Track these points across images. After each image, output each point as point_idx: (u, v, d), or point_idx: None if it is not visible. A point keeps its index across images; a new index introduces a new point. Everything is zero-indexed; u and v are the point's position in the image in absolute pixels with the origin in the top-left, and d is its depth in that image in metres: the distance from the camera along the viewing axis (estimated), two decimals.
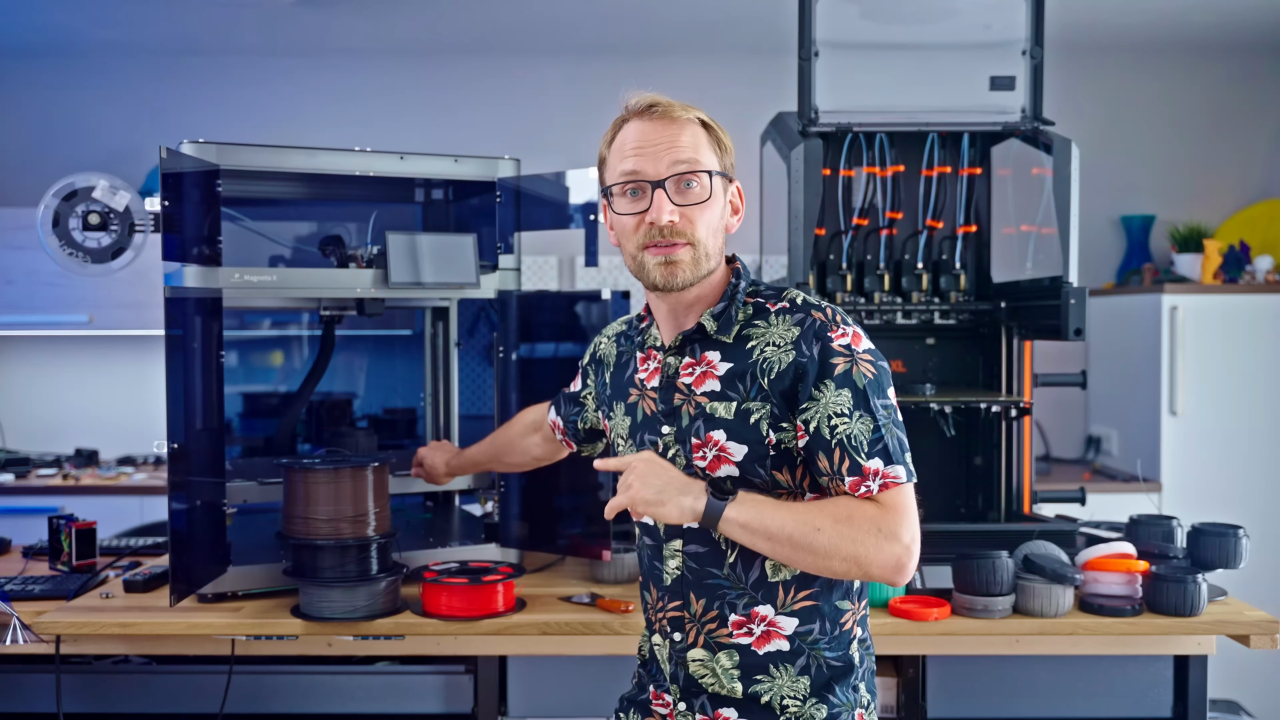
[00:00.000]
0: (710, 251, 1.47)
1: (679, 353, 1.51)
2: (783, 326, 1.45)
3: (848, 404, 1.39)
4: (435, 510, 2.70)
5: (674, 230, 1.44)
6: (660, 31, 4.27)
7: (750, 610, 1.46)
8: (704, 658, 1.49)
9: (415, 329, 2.99)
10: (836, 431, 1.39)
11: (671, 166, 1.44)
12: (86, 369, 4.49)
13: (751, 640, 1.46)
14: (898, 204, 2.46)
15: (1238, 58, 4.46)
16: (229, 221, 2.31)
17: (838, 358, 1.41)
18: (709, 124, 1.49)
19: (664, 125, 1.46)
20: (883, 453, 1.39)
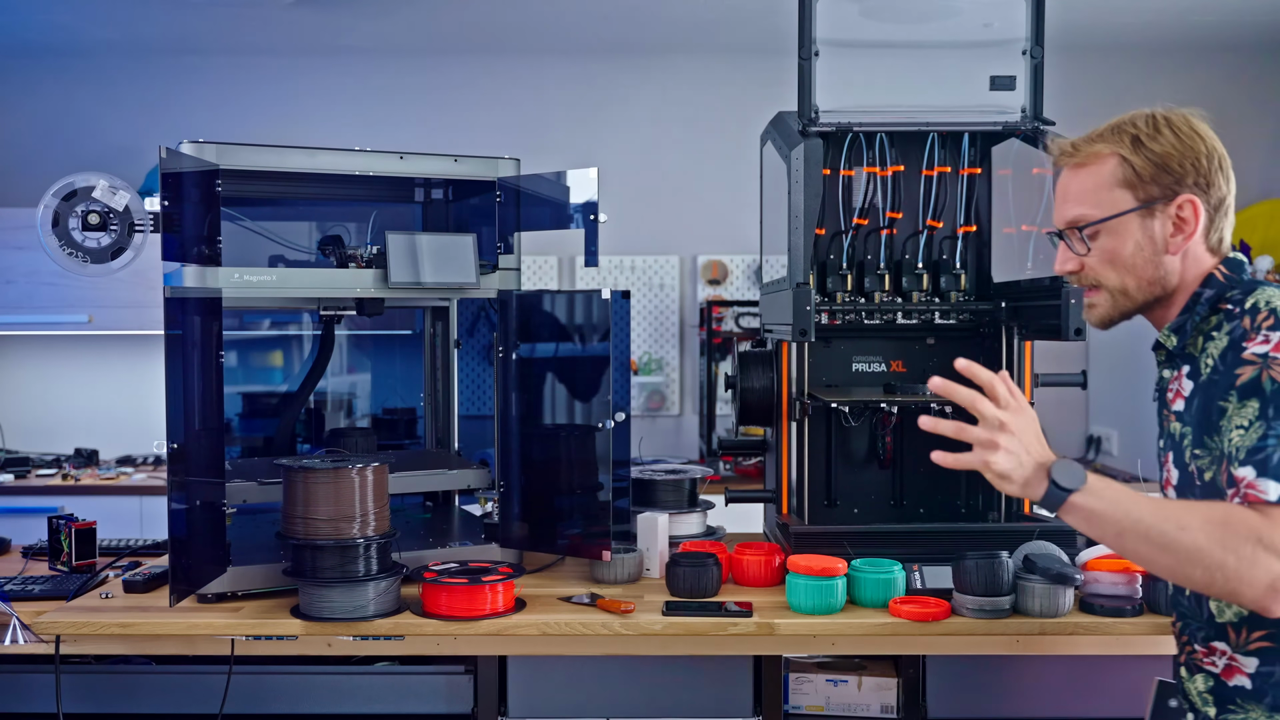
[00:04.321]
0: (1129, 288, 1.49)
1: (1169, 365, 1.53)
2: (1223, 333, 1.40)
3: (1252, 414, 1.30)
4: (435, 510, 2.70)
5: (1080, 278, 1.51)
6: (660, 31, 4.27)
7: (1210, 644, 1.44)
8: (1185, 675, 1.49)
9: (415, 329, 2.99)
10: (1233, 442, 1.30)
11: (1064, 220, 1.50)
12: (86, 369, 4.49)
13: (1219, 670, 1.43)
14: (898, 204, 2.46)
15: (1238, 58, 4.47)
16: (229, 221, 2.31)
17: (1246, 366, 1.32)
18: (1124, 155, 1.45)
19: (1069, 174, 1.51)
20: (1260, 462, 1.27)
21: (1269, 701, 1.37)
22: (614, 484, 2.26)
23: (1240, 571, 1.22)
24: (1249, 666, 1.38)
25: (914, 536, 2.24)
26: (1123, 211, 1.47)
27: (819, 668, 2.16)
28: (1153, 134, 1.45)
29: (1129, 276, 1.49)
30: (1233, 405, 1.33)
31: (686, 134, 4.54)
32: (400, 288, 2.23)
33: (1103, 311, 1.53)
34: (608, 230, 2.56)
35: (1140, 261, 1.48)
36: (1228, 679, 1.41)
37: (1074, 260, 1.51)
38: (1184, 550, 1.23)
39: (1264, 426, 1.28)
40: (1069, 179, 1.52)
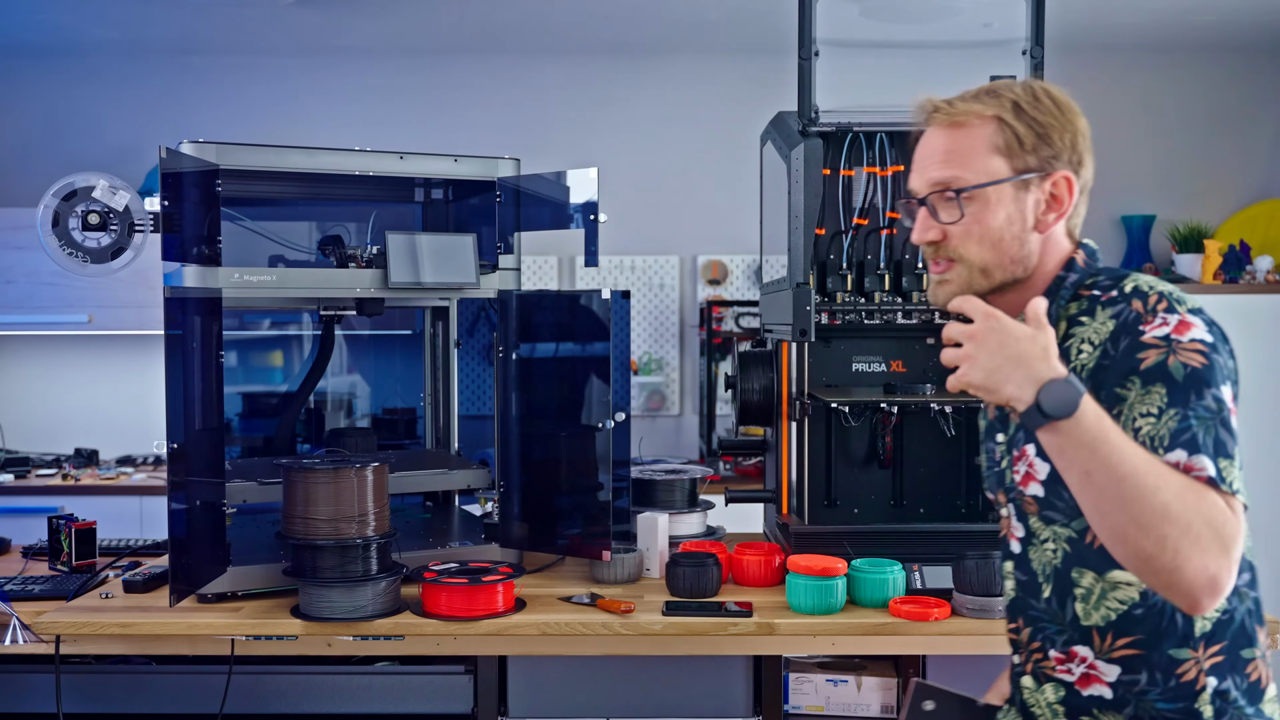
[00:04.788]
0: (989, 265, 1.35)
1: None
2: (1100, 320, 1.30)
3: (1159, 401, 1.21)
4: (435, 510, 2.70)
5: (939, 248, 1.37)
6: (660, 31, 4.27)
7: (1069, 649, 1.34)
8: (1032, 686, 1.40)
9: (415, 329, 2.99)
10: (1141, 433, 1.20)
11: (930, 183, 1.36)
12: (86, 369, 4.49)
13: (1074, 679, 1.34)
14: (898, 204, 2.46)
15: (1238, 58, 4.47)
16: (229, 221, 2.31)
17: (1147, 350, 1.23)
18: (1004, 119, 1.35)
19: (939, 133, 1.38)
20: (1188, 444, 1.18)
21: (1129, 712, 1.29)
22: (614, 484, 2.26)
23: (1191, 553, 1.12)
24: (1110, 675, 1.30)
25: (914, 536, 2.24)
26: (999, 180, 1.34)
27: (819, 668, 2.16)
28: (1034, 102, 1.36)
29: (992, 252, 1.35)
30: (1134, 392, 1.23)
31: (686, 134, 4.54)
32: (400, 288, 2.23)
33: (954, 289, 1.37)
34: (608, 230, 2.56)
35: (1008, 237, 1.35)
36: (1083, 688, 1.33)
37: (936, 229, 1.36)
38: (1149, 511, 1.11)
39: (1182, 411, 1.20)
40: (939, 139, 1.38)
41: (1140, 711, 1.29)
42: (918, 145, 1.41)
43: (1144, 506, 1.11)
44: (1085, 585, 1.32)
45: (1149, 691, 1.28)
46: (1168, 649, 1.27)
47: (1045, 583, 1.36)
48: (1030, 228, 1.35)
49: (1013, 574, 1.43)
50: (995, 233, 1.35)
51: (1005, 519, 1.44)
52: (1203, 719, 1.26)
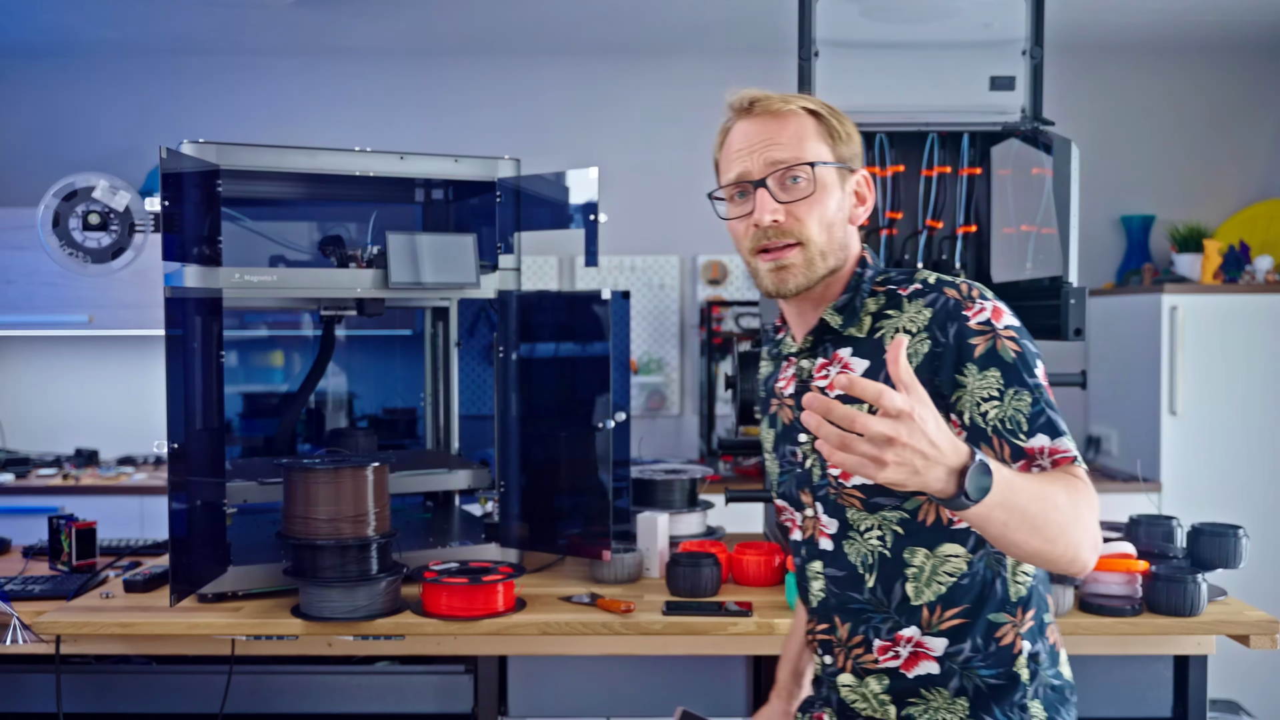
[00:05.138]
0: (826, 249, 1.37)
1: (811, 354, 1.43)
2: (913, 310, 1.34)
3: (997, 384, 1.27)
4: (435, 510, 2.70)
5: (781, 230, 1.35)
6: (660, 31, 4.27)
7: (895, 634, 1.37)
8: (853, 683, 1.42)
9: (415, 329, 2.99)
10: (989, 418, 1.27)
11: (770, 163, 1.35)
12: (86, 369, 4.49)
13: (899, 663, 1.37)
14: (898, 204, 2.46)
15: (1238, 58, 4.47)
16: (229, 221, 2.31)
17: (976, 337, 1.29)
18: (818, 112, 1.39)
19: (764, 121, 1.38)
20: (1046, 427, 1.27)
21: (955, 684, 1.35)
22: (614, 484, 2.26)
23: (1083, 537, 1.20)
24: (937, 648, 1.35)
25: None
26: (833, 163, 1.38)
27: None
28: (829, 109, 1.40)
29: (827, 235, 1.37)
30: (972, 378, 1.28)
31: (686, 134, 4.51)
32: (400, 288, 2.23)
33: (799, 273, 1.36)
34: (608, 230, 2.57)
35: (837, 222, 1.38)
36: (909, 669, 1.36)
37: (780, 209, 1.35)
38: (1054, 525, 1.17)
39: (1027, 393, 1.27)
40: (770, 125, 1.37)
41: (965, 682, 1.35)
42: (732, 136, 1.40)
43: (1050, 527, 1.17)
44: (917, 564, 1.35)
45: (973, 659, 1.35)
46: (988, 614, 1.35)
47: (868, 573, 1.37)
48: (847, 219, 1.41)
49: (822, 574, 1.42)
50: (830, 216, 1.37)
51: (809, 519, 1.43)
52: (1020, 681, 1.35)
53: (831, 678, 1.45)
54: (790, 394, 1.46)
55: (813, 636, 1.48)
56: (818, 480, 1.40)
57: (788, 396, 1.46)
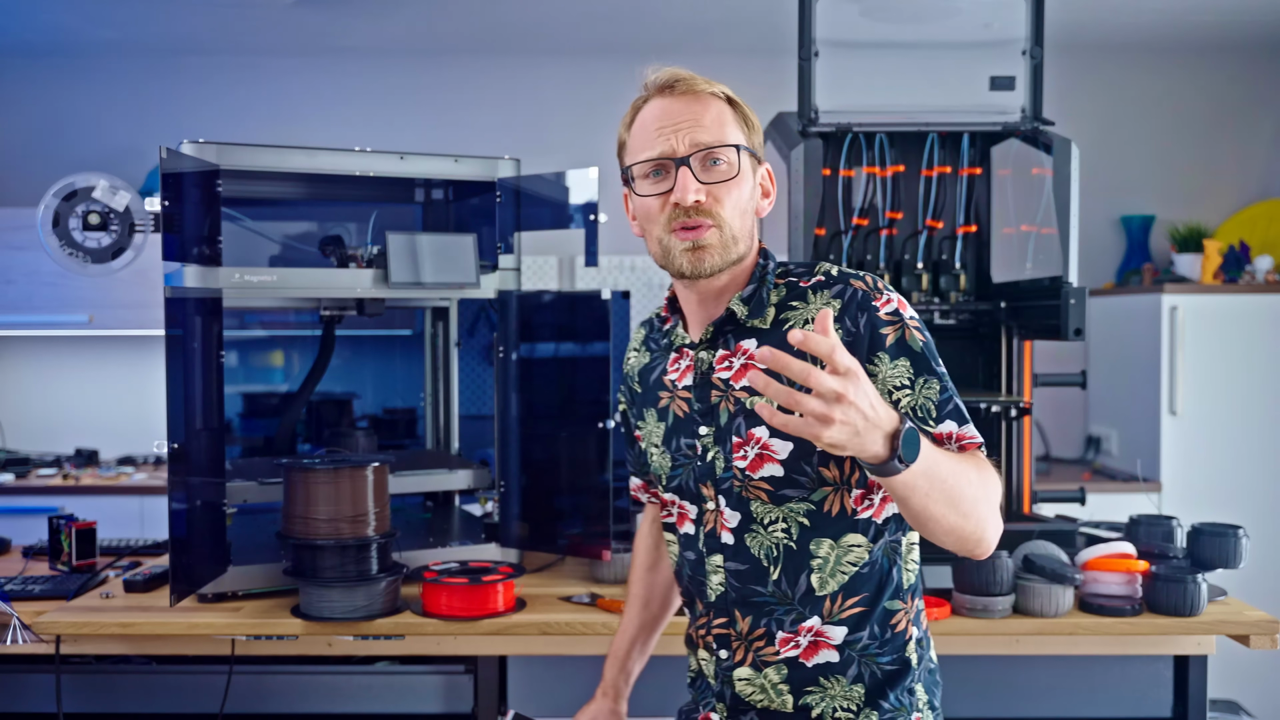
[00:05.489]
0: (739, 234, 1.36)
1: (711, 346, 1.41)
2: (820, 301, 1.35)
3: (907, 373, 1.30)
4: (435, 510, 2.70)
5: (700, 210, 1.33)
6: (660, 31, 4.27)
7: (798, 626, 1.38)
8: (751, 676, 1.41)
9: (415, 329, 3.00)
10: (900, 405, 1.29)
11: (695, 143, 1.34)
12: (86, 369, 4.49)
13: (799, 652, 1.38)
14: (898, 204, 2.46)
15: (1238, 58, 4.47)
16: (229, 221, 2.31)
17: (887, 326, 1.31)
18: (735, 100, 1.40)
19: (687, 101, 1.36)
20: (954, 414, 1.30)
21: (853, 672, 1.37)
22: (614, 484, 2.26)
23: (989, 517, 1.25)
24: (836, 637, 1.37)
25: None
26: (751, 150, 1.39)
27: None
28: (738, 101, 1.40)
29: (741, 221, 1.36)
30: (884, 366, 1.30)
31: None
32: (400, 288, 2.23)
33: (715, 254, 1.35)
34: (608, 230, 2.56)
35: (749, 210, 1.39)
36: (808, 658, 1.37)
37: (702, 189, 1.33)
38: (969, 501, 1.21)
39: (936, 381, 1.31)
40: (692, 106, 1.36)
41: (862, 669, 1.38)
42: (649, 113, 1.38)
43: (965, 501, 1.22)
44: (822, 555, 1.36)
45: (870, 646, 1.38)
46: (885, 602, 1.38)
47: (772, 565, 1.37)
48: (754, 208, 1.41)
49: (723, 568, 1.41)
50: (744, 202, 1.38)
51: (710, 512, 1.41)
52: (911, 665, 1.40)
53: (727, 672, 1.43)
54: (687, 386, 1.43)
55: (706, 632, 1.45)
56: (721, 473, 1.39)
57: (683, 389, 1.44)
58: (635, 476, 1.68)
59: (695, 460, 1.42)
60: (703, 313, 1.43)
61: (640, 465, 1.62)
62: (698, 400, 1.41)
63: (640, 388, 1.53)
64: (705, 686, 1.49)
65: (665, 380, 1.47)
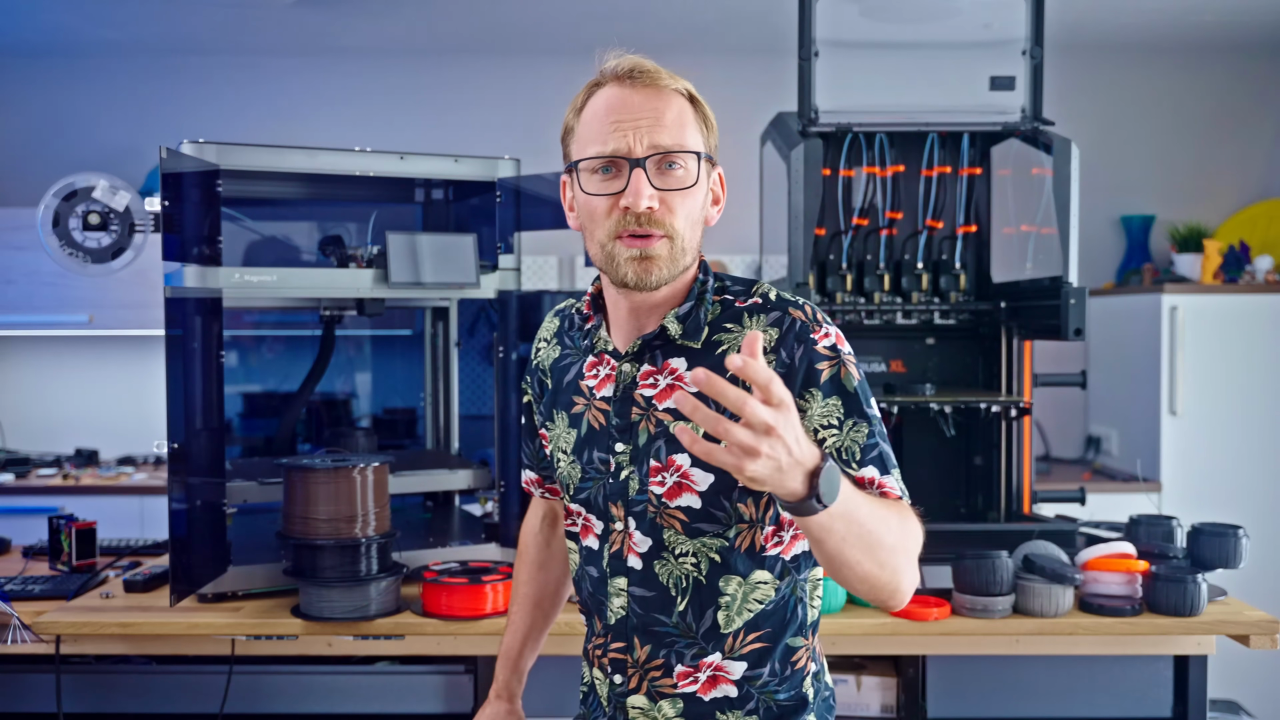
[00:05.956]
0: (689, 246, 1.27)
1: (636, 359, 1.32)
2: (757, 327, 1.27)
3: (838, 412, 1.23)
4: (435, 510, 2.70)
5: (652, 219, 1.23)
6: (660, 31, 4.27)
7: (699, 661, 1.31)
8: (645, 706, 1.34)
9: (415, 329, 2.99)
10: (825, 445, 1.22)
11: (654, 145, 1.24)
12: (86, 369, 4.49)
13: (697, 688, 1.32)
14: (898, 204, 2.46)
15: (1238, 58, 4.47)
16: (229, 221, 2.31)
17: (823, 362, 1.24)
18: (696, 98, 1.29)
19: (646, 94, 1.25)
20: (877, 461, 1.23)
21: (751, 707, 1.32)
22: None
23: (906, 569, 1.18)
24: (736, 672, 1.31)
25: None
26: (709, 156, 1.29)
27: None
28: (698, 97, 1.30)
29: (691, 231, 1.27)
30: (815, 404, 1.23)
31: None
32: (400, 288, 2.23)
33: (663, 266, 1.25)
34: None
35: (700, 220, 1.29)
36: (706, 693, 1.31)
37: (657, 196, 1.23)
38: (886, 549, 1.14)
39: (865, 424, 1.23)
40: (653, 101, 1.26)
41: (759, 705, 1.32)
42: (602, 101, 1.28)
43: (883, 549, 1.14)
44: (730, 592, 1.30)
45: (769, 683, 1.32)
46: (787, 639, 1.33)
47: (680, 596, 1.31)
48: (704, 217, 1.31)
49: (626, 591, 1.33)
50: (697, 212, 1.28)
51: (618, 533, 1.33)
52: (808, 701, 1.35)
53: (621, 698, 1.36)
54: (605, 397, 1.34)
55: (603, 653, 1.38)
56: (634, 494, 1.31)
57: (600, 399, 1.34)
58: (530, 470, 1.58)
59: (607, 476, 1.33)
60: (632, 323, 1.33)
61: (538, 461, 1.54)
62: (616, 415, 1.32)
63: (552, 384, 1.43)
64: (596, 704, 1.43)
65: (582, 385, 1.38)
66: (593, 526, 1.37)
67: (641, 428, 1.30)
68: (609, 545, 1.34)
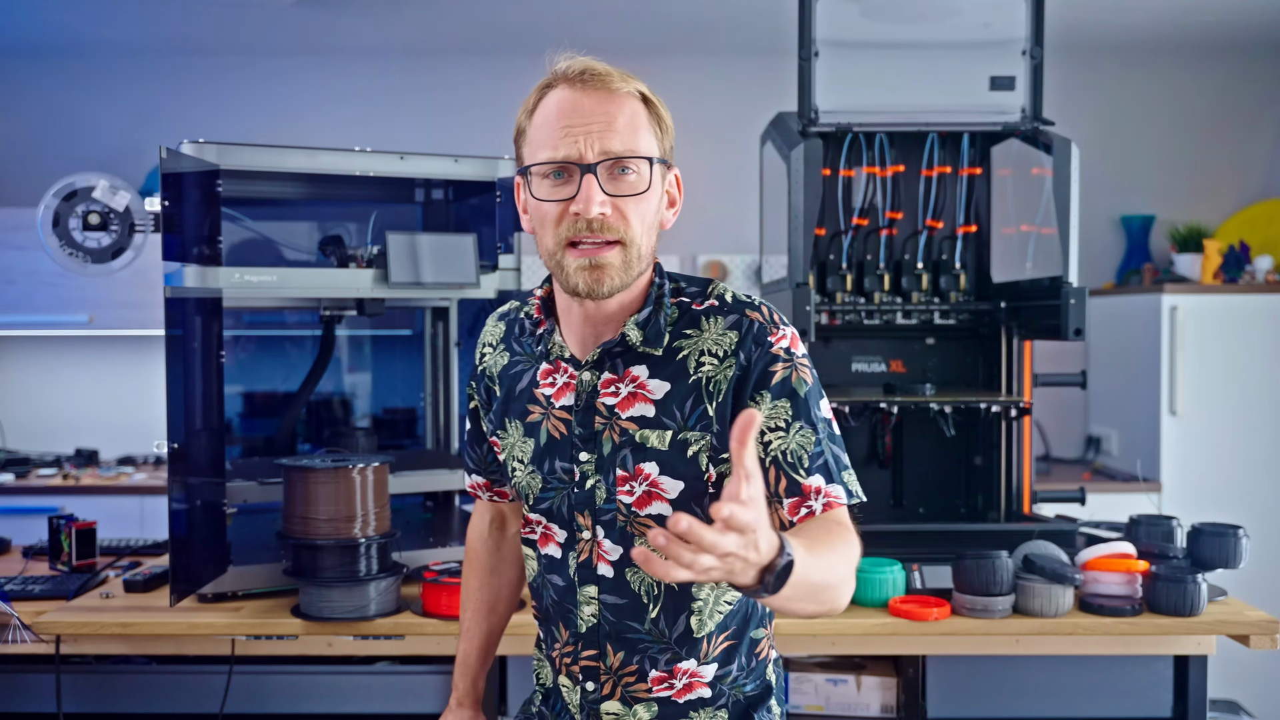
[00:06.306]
0: (643, 252, 1.25)
1: (596, 367, 1.30)
2: (716, 331, 1.27)
3: (785, 415, 1.23)
4: (435, 510, 2.70)
5: (604, 225, 1.21)
6: (660, 31, 4.27)
7: (673, 666, 1.32)
8: (619, 711, 1.35)
9: (415, 329, 2.99)
10: (771, 448, 1.22)
11: (605, 151, 1.22)
12: (86, 369, 4.49)
13: (673, 693, 1.33)
14: (898, 204, 2.46)
15: (1238, 58, 4.47)
16: (229, 221, 2.31)
17: (778, 364, 1.24)
18: (650, 99, 1.27)
19: (598, 98, 1.23)
20: (824, 469, 1.23)
21: (723, 703, 1.34)
22: None
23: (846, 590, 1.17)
24: (708, 674, 1.33)
25: (914, 536, 2.24)
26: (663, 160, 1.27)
27: (819, 667, 2.16)
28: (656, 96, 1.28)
29: (646, 238, 1.25)
30: (764, 406, 1.23)
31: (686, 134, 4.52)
32: (400, 288, 2.23)
33: (615, 275, 1.23)
34: None
35: (655, 224, 1.27)
36: (680, 698, 1.34)
37: (608, 202, 1.22)
38: (829, 593, 1.14)
39: (811, 431, 1.23)
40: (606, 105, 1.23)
41: (729, 700, 1.35)
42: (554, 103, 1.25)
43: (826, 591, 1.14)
44: (703, 597, 1.32)
45: (739, 678, 1.36)
46: (751, 632, 1.36)
47: (652, 603, 1.31)
48: (659, 221, 1.30)
49: (597, 599, 1.33)
50: (651, 217, 1.26)
51: (586, 542, 1.32)
52: (772, 687, 1.39)
53: (594, 704, 1.36)
54: (565, 406, 1.32)
55: (572, 661, 1.37)
56: (602, 503, 1.30)
57: (560, 408, 1.32)
58: (476, 474, 1.55)
59: (571, 486, 1.32)
60: (589, 332, 1.31)
61: (485, 466, 1.52)
62: (579, 424, 1.30)
63: (502, 392, 1.40)
64: (563, 710, 1.42)
65: (537, 394, 1.35)
66: (554, 535, 1.36)
67: (605, 436, 1.29)
68: (577, 554, 1.34)
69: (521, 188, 1.31)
